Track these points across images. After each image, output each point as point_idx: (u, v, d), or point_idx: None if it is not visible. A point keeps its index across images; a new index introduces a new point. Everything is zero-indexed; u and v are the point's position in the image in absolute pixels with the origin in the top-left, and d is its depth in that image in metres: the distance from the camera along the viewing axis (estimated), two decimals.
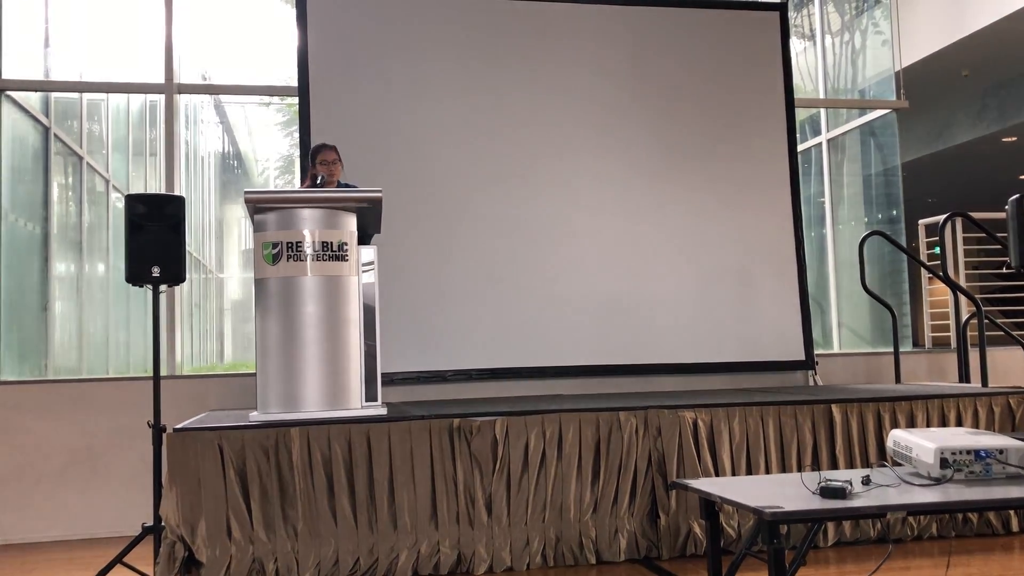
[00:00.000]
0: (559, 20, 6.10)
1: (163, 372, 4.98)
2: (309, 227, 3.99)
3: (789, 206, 6.30)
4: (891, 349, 6.24)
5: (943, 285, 6.40)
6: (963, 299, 6.18)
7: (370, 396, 4.15)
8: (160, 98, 5.99)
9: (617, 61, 6.15)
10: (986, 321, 5.76)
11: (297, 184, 5.99)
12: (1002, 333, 6.17)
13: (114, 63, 6.94)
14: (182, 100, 6.22)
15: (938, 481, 2.77)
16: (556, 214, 5.92)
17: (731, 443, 4.31)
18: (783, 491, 2.70)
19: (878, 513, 2.59)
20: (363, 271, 4.16)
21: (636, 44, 6.20)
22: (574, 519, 4.11)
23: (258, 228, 4.03)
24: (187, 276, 4.15)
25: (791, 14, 7.00)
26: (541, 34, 6.07)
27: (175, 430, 3.86)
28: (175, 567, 3.70)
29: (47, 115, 6.12)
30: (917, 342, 8.22)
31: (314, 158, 4.64)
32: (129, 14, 6.82)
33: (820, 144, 7.48)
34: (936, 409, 4.57)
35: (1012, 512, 4.47)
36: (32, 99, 5.96)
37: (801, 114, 7.34)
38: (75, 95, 6.53)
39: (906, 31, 7.52)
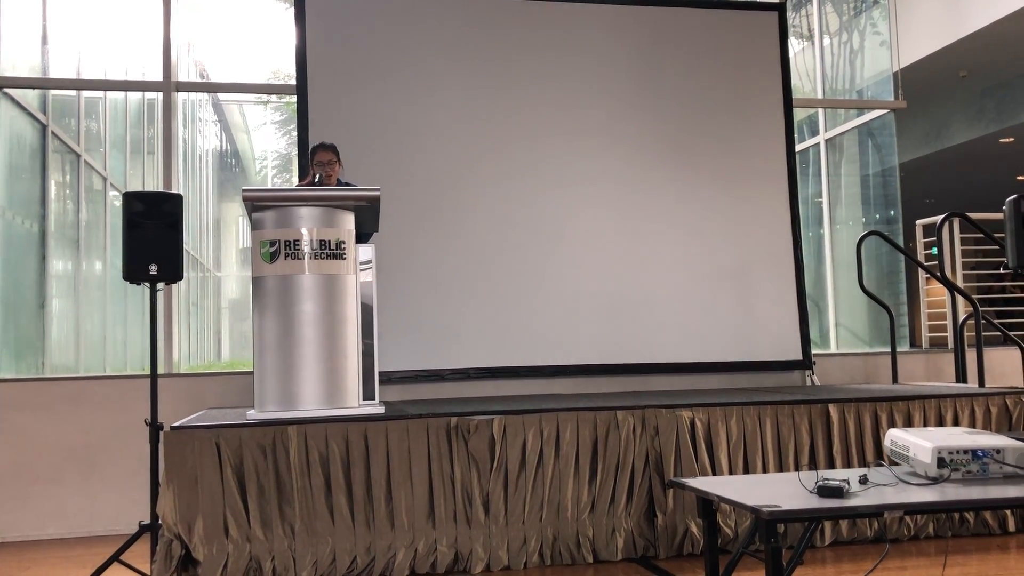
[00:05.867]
0: (558, 19, 6.09)
1: (160, 370, 4.97)
2: (307, 225, 3.98)
3: (787, 206, 6.30)
4: (888, 349, 6.25)
5: (940, 285, 6.41)
6: (960, 299, 6.19)
7: (367, 395, 4.16)
8: (158, 96, 5.98)
9: (615, 61, 6.15)
10: (983, 321, 5.77)
11: (295, 182, 5.98)
12: (999, 333, 6.18)
13: (112, 61, 6.94)
14: (180, 98, 6.21)
15: (935, 480, 2.78)
16: (553, 213, 5.91)
17: (728, 442, 4.31)
18: (780, 490, 2.70)
19: (875, 512, 2.59)
20: (361, 269, 4.16)
21: (634, 44, 6.20)
22: (571, 518, 4.11)
23: (256, 226, 4.03)
24: (184, 274, 4.15)
25: (789, 14, 7.00)
26: (540, 33, 6.07)
27: (172, 428, 3.86)
28: (172, 565, 3.70)
29: (45, 112, 6.11)
30: (914, 342, 8.24)
31: (312, 158, 4.65)
32: (127, 12, 6.81)
33: (818, 144, 7.49)
34: (933, 409, 4.57)
35: (1009, 512, 4.48)
36: (30, 96, 5.95)
37: (799, 114, 7.35)
38: (73, 93, 6.52)
39: (904, 32, 7.53)
